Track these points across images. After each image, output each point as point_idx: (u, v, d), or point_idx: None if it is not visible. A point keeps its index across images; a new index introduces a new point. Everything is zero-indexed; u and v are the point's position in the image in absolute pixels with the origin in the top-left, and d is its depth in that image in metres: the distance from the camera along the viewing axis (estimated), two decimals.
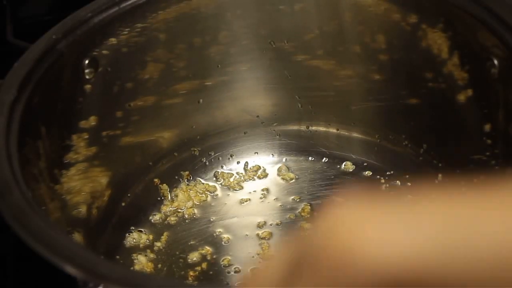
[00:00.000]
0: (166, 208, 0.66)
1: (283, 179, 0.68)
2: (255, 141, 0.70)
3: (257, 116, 0.70)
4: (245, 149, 0.70)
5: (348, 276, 0.28)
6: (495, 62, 0.55)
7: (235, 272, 0.60)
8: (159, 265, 0.61)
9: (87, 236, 0.60)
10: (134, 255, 0.62)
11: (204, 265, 0.61)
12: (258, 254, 0.61)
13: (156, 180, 0.67)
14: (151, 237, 0.64)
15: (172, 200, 0.66)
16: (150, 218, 0.65)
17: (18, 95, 0.52)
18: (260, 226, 0.64)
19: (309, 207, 0.65)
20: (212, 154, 0.70)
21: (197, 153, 0.69)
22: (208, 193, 0.68)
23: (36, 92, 0.54)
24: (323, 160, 0.69)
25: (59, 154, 0.57)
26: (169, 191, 0.67)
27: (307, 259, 0.29)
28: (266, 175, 0.69)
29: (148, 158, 0.66)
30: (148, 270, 0.60)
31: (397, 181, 0.66)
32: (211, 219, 0.65)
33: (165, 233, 0.64)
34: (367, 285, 0.28)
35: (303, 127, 0.70)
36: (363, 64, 0.66)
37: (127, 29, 0.61)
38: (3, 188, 0.46)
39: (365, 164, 0.68)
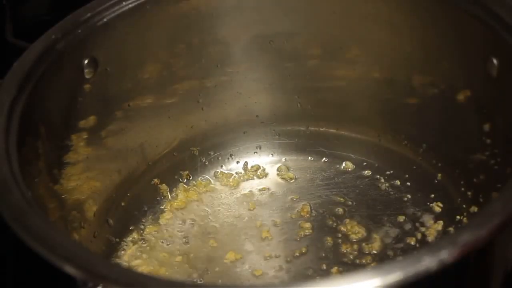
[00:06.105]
0: (166, 208, 0.66)
1: (282, 178, 0.68)
2: (254, 141, 0.71)
3: (257, 116, 0.70)
4: (245, 149, 0.70)
5: None
6: (495, 62, 0.55)
7: (236, 272, 0.60)
8: (159, 265, 0.61)
9: (87, 236, 0.60)
10: (134, 255, 0.62)
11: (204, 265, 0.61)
12: (258, 254, 0.61)
13: (156, 180, 0.67)
14: (151, 237, 0.64)
15: (172, 200, 0.67)
16: (150, 218, 0.65)
17: (18, 95, 0.52)
18: (259, 226, 0.64)
19: (309, 206, 0.65)
20: (212, 154, 0.70)
21: (196, 153, 0.69)
22: (208, 193, 0.68)
23: (35, 92, 0.54)
24: (323, 160, 0.69)
25: (59, 154, 0.57)
26: (169, 191, 0.67)
27: None
28: (265, 175, 0.69)
29: (148, 158, 0.67)
30: (148, 269, 0.60)
31: (397, 181, 0.66)
32: (211, 219, 0.65)
33: (164, 233, 0.64)
34: None
35: (302, 127, 0.70)
36: (363, 64, 0.66)
37: (127, 29, 0.61)
38: (3, 188, 0.46)
39: (365, 164, 0.68)
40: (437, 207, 0.63)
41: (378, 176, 0.67)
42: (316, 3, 0.64)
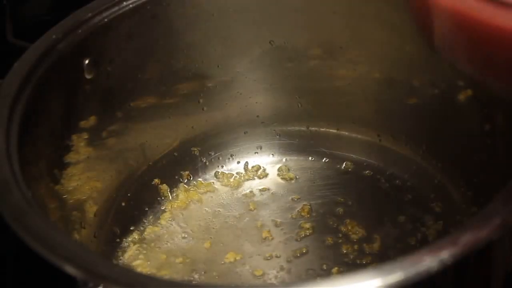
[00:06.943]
0: (166, 208, 0.66)
1: (283, 179, 0.68)
2: (255, 141, 0.71)
3: (257, 116, 0.70)
4: (245, 149, 0.70)
5: None
6: None
7: (236, 272, 0.60)
8: (159, 265, 0.61)
9: (87, 236, 0.60)
10: (134, 255, 0.62)
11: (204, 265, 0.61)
12: (258, 254, 0.61)
13: (156, 180, 0.67)
14: (151, 237, 0.64)
15: (172, 200, 0.67)
16: (150, 218, 0.65)
17: (18, 95, 0.52)
18: (260, 226, 0.64)
19: (309, 207, 0.65)
20: (212, 154, 0.70)
21: (197, 153, 0.69)
22: (208, 193, 0.68)
23: (36, 92, 0.54)
24: (323, 160, 0.69)
25: (59, 154, 0.57)
26: (169, 191, 0.67)
27: None
28: (266, 175, 0.69)
29: (149, 158, 0.67)
30: (148, 269, 0.60)
31: (397, 181, 0.66)
32: (211, 219, 0.65)
33: (165, 233, 0.64)
34: None
35: (303, 127, 0.70)
36: (364, 64, 0.66)
37: (127, 29, 0.61)
38: (3, 188, 0.46)
39: (365, 164, 0.68)
40: (437, 207, 0.63)
41: (379, 176, 0.67)
42: (316, 3, 0.64)
